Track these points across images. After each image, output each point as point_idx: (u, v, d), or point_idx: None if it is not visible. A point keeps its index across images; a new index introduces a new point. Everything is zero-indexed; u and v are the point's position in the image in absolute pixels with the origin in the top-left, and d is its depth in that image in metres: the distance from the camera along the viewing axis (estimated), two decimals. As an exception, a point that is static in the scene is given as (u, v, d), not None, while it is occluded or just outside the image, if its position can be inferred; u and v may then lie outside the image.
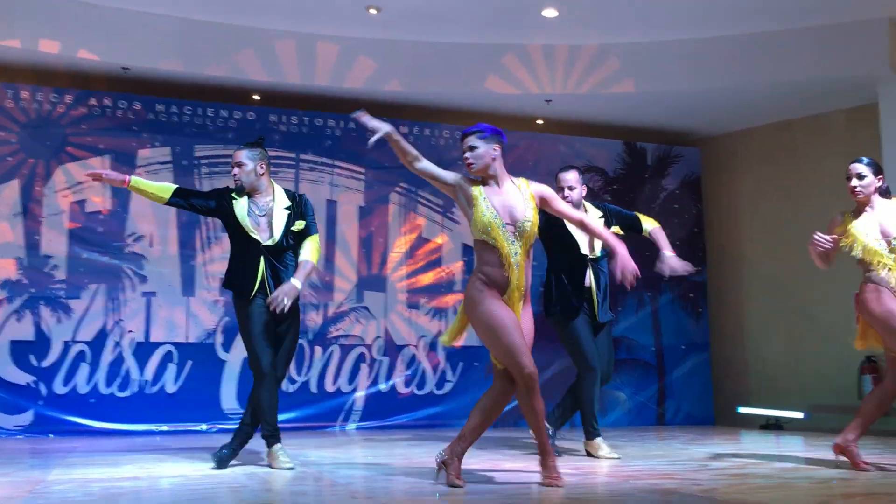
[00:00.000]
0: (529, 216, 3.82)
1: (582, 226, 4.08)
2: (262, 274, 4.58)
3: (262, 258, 4.59)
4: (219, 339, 7.41)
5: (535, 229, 3.85)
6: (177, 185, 4.74)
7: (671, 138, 9.14)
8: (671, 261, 5.01)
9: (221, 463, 4.51)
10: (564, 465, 4.63)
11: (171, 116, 7.52)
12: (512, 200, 3.85)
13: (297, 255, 4.71)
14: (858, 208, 4.54)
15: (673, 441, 6.34)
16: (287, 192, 4.82)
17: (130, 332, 7.19)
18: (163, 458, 5.04)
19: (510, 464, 4.80)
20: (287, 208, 4.71)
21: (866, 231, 4.41)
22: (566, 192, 5.18)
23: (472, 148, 3.96)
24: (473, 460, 4.94)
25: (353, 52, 7.61)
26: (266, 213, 4.68)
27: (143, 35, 7.14)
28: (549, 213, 4.12)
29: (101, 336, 7.12)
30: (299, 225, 4.71)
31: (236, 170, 4.69)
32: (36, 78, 7.32)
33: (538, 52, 7.77)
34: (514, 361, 3.67)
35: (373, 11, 7.13)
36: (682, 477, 4.08)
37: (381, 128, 3.95)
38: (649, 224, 5.32)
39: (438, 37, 7.63)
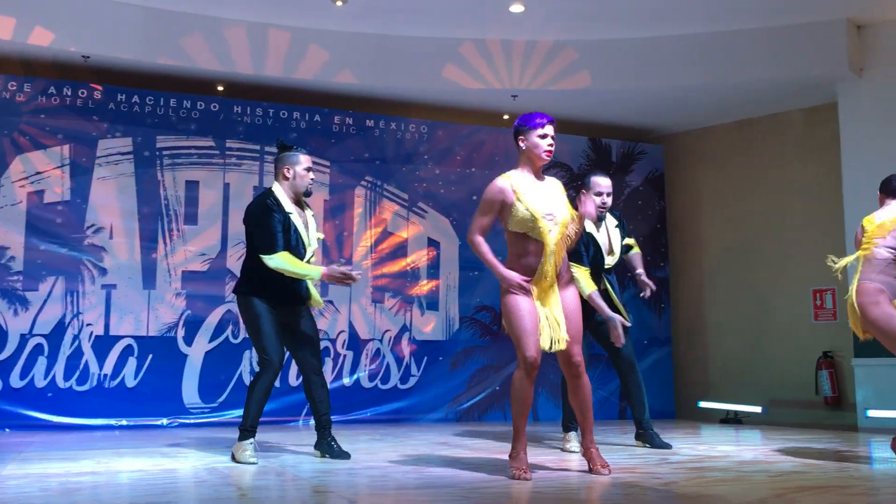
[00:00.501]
0: (565, 207, 3.93)
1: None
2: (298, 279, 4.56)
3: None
4: (180, 332, 7.33)
5: (569, 219, 3.91)
6: (286, 252, 4.49)
7: (635, 135, 9.22)
8: (644, 278, 5.34)
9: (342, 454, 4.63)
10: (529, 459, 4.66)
11: (132, 106, 7.40)
12: (549, 191, 3.96)
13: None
14: None
15: (634, 435, 6.39)
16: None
17: (89, 325, 7.08)
18: (122, 452, 4.98)
19: (470, 458, 4.81)
20: (314, 216, 4.80)
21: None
22: (604, 197, 5.14)
23: (554, 139, 3.99)
24: (433, 455, 4.95)
25: (318, 44, 7.57)
26: (304, 219, 4.66)
27: (104, 23, 7.03)
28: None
29: (59, 329, 7.00)
30: (321, 234, 4.84)
31: (313, 175, 4.68)
32: (-7, 65, 7.17)
33: (501, 46, 7.79)
34: (518, 344, 3.84)
35: (339, 3, 7.09)
36: (643, 471, 4.13)
37: None
38: (636, 248, 5.49)
39: (404, 30, 7.62)
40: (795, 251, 8.22)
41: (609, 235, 5.23)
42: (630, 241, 5.45)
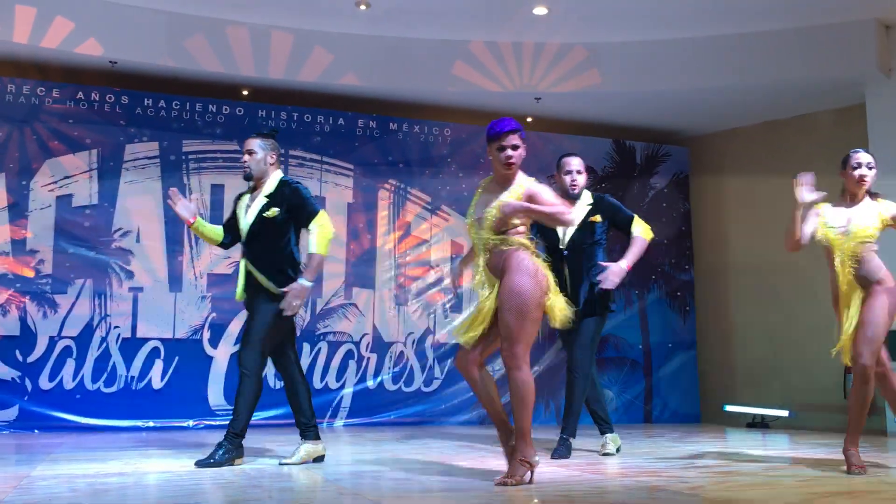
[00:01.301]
0: (491, 211, 3.79)
1: (546, 217, 3.89)
2: (243, 268, 4.53)
3: (243, 252, 4.58)
4: (206, 335, 7.39)
5: (496, 220, 3.77)
6: (222, 225, 4.75)
7: (660, 137, 9.17)
8: (612, 272, 4.91)
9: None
10: (552, 461, 4.64)
11: (158, 111, 7.48)
12: (497, 194, 3.85)
13: (281, 245, 4.49)
14: (851, 197, 4.49)
15: (660, 439, 6.37)
16: (280, 181, 4.60)
17: (117, 327, 7.16)
18: (149, 453, 5.02)
19: (496, 460, 4.81)
20: (267, 195, 4.54)
21: (834, 219, 4.41)
22: (574, 175, 5.05)
23: (515, 147, 3.87)
24: (461, 457, 4.94)
25: (342, 48, 7.60)
26: (249, 206, 4.61)
27: (131, 29, 7.11)
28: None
29: (88, 331, 7.08)
30: (272, 212, 4.48)
31: (246, 157, 4.62)
32: (23, 71, 7.27)
33: (524, 49, 7.78)
34: None
35: (362, 7, 7.12)
36: (669, 475, 4.10)
37: None
38: (637, 230, 5.12)
39: (427, 33, 7.63)
40: (823, 253, 8.11)
41: (576, 208, 5.01)
42: (634, 226, 5.13)
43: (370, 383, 7.82)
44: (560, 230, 5.03)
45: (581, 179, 5.08)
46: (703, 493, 3.51)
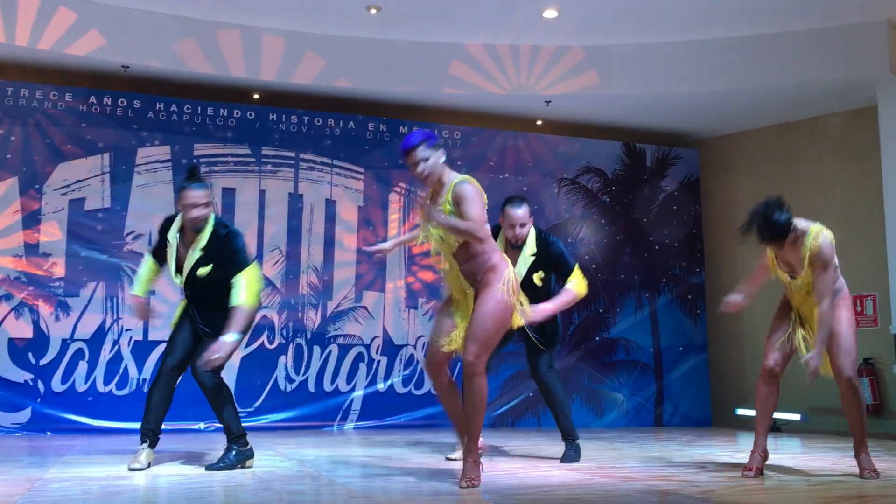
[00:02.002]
0: (432, 232, 3.80)
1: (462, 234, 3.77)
2: (179, 312, 4.57)
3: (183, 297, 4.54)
4: (217, 337, 7.40)
5: (443, 238, 3.77)
6: (152, 257, 4.62)
7: (670, 140, 9.15)
8: (537, 311, 4.58)
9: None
10: (562, 465, 4.64)
11: (170, 115, 7.52)
12: (434, 207, 3.82)
13: (221, 294, 4.31)
14: None
15: (670, 442, 6.35)
16: (212, 231, 4.37)
17: (129, 330, 7.19)
18: (160, 456, 5.04)
19: (507, 464, 4.81)
20: (202, 248, 4.35)
21: None
22: (517, 229, 4.82)
23: (424, 160, 3.79)
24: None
25: (353, 52, 7.62)
26: (188, 250, 4.38)
27: (143, 33, 7.15)
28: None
29: (100, 334, 7.11)
30: (204, 270, 4.34)
31: (202, 210, 4.30)
32: (35, 76, 7.32)
33: (534, 51, 7.78)
34: None
35: (373, 11, 7.14)
36: (680, 478, 4.09)
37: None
38: (572, 283, 4.84)
39: (437, 37, 7.65)
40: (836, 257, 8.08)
41: (516, 267, 4.78)
42: (571, 278, 4.86)
43: (380, 386, 7.83)
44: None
45: (524, 231, 4.86)
46: (714, 498, 3.50)
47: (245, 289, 4.28)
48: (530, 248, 4.89)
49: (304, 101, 7.97)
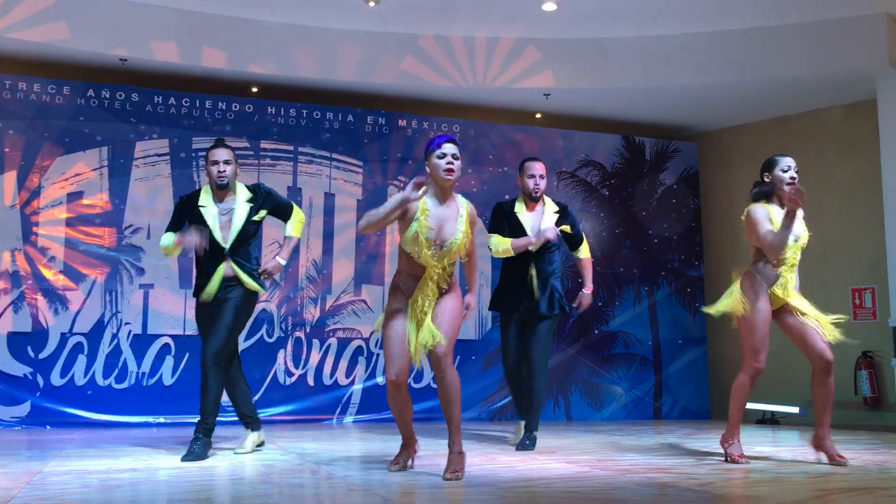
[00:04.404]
0: (458, 238, 3.88)
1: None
2: (222, 271, 4.74)
3: (222, 260, 4.75)
4: (216, 331, 7.40)
5: (461, 246, 3.89)
6: (170, 231, 4.84)
7: (669, 133, 9.15)
8: (585, 298, 5.44)
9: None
10: (561, 458, 4.64)
11: (168, 108, 7.50)
12: (447, 215, 3.89)
13: (255, 244, 4.89)
14: (783, 203, 4.57)
15: (669, 435, 6.36)
16: (248, 186, 4.94)
17: (128, 324, 7.19)
18: (160, 449, 5.05)
19: (506, 457, 4.81)
20: (248, 201, 4.83)
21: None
22: (537, 179, 5.32)
23: (456, 157, 3.91)
24: (471, 454, 4.95)
25: (350, 44, 7.61)
26: (227, 211, 4.80)
27: (141, 26, 7.13)
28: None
29: (99, 328, 7.11)
30: (261, 215, 4.86)
31: (226, 168, 4.76)
32: (33, 69, 7.30)
33: (533, 44, 7.77)
34: (385, 363, 3.98)
35: (371, 4, 7.12)
36: (679, 471, 4.09)
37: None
38: (584, 253, 5.48)
39: (435, 29, 7.63)
40: (834, 250, 8.09)
41: (542, 218, 5.33)
42: (583, 247, 5.48)
43: (379, 380, 7.83)
44: (531, 232, 5.27)
45: (543, 184, 5.36)
46: (712, 490, 3.51)
47: (296, 224, 4.99)
48: (552, 205, 5.40)
49: (303, 94, 7.95)
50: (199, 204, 4.80)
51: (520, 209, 5.36)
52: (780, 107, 8.41)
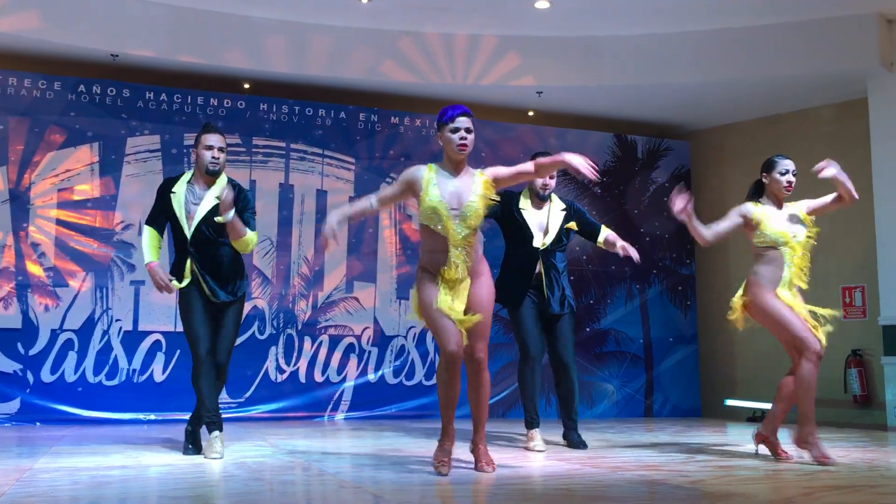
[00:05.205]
0: (475, 200, 3.85)
1: (524, 174, 4.05)
2: (190, 265, 4.51)
3: (188, 249, 4.52)
4: (207, 328, 7.38)
5: (481, 212, 3.87)
6: (150, 227, 4.65)
7: (661, 131, 9.16)
8: (629, 246, 5.13)
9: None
10: (552, 456, 4.65)
11: (160, 104, 7.47)
12: (462, 185, 3.89)
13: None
14: (778, 202, 4.75)
15: (660, 433, 6.38)
16: (228, 179, 4.69)
17: (118, 320, 7.17)
18: (151, 446, 5.03)
19: (498, 454, 4.82)
20: (217, 198, 4.53)
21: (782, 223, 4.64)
22: (547, 179, 5.18)
23: (470, 130, 3.91)
24: (460, 451, 4.96)
25: (344, 41, 7.59)
26: (198, 201, 4.56)
27: (132, 22, 7.10)
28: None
29: (89, 324, 7.09)
30: (224, 217, 4.54)
31: (220, 155, 4.61)
32: (24, 64, 7.26)
33: (525, 42, 7.77)
34: (437, 340, 3.84)
35: (364, 1, 7.11)
36: (669, 469, 4.10)
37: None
38: (604, 231, 5.28)
39: (428, 27, 7.63)
40: (824, 248, 8.07)
41: (549, 216, 5.22)
42: (602, 230, 5.29)
43: (371, 377, 7.83)
44: (538, 233, 5.16)
45: (552, 183, 5.24)
46: (703, 488, 3.52)
47: (249, 241, 4.59)
48: (559, 203, 5.28)
49: (295, 90, 7.93)
50: (172, 189, 4.59)
51: (525, 205, 5.19)
52: (771, 106, 8.43)
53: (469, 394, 3.97)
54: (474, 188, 3.89)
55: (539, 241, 5.15)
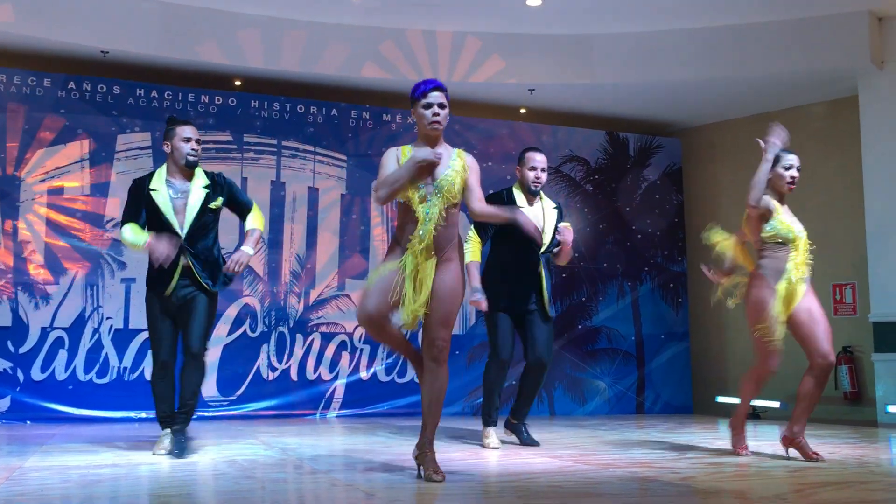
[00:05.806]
0: (451, 176, 3.67)
1: (473, 200, 3.78)
2: (182, 262, 4.47)
3: (180, 253, 4.47)
4: (199, 326, 7.36)
5: (457, 189, 3.69)
6: (130, 223, 4.56)
7: (653, 129, 9.18)
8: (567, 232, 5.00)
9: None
10: (544, 453, 4.66)
11: (150, 101, 7.44)
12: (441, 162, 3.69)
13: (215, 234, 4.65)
14: (780, 197, 4.73)
15: (652, 430, 6.39)
16: (206, 172, 4.68)
17: (109, 318, 7.14)
18: (141, 445, 5.02)
19: (488, 452, 4.82)
20: (205, 187, 4.58)
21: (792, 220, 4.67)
22: (539, 172, 5.10)
23: (443, 105, 3.72)
24: (453, 449, 4.95)
25: (335, 39, 7.58)
26: (182, 194, 4.53)
27: (122, 19, 7.06)
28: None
29: (80, 322, 7.06)
30: (216, 203, 4.59)
31: (197, 146, 4.58)
32: (14, 61, 7.22)
33: (517, 40, 7.77)
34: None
35: (356, -2, 7.10)
36: (661, 465, 4.11)
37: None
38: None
39: (419, 24, 7.62)
40: (815, 245, 8.13)
41: (544, 215, 5.11)
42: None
43: (363, 374, 7.82)
44: (538, 233, 4.96)
45: (544, 177, 5.14)
46: (694, 484, 3.53)
47: (258, 218, 4.74)
48: (549, 201, 5.25)
49: (287, 88, 7.91)
50: (150, 187, 4.51)
51: (521, 202, 5.06)
52: (762, 103, 8.45)
53: (422, 388, 3.67)
54: (451, 163, 3.71)
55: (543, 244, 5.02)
